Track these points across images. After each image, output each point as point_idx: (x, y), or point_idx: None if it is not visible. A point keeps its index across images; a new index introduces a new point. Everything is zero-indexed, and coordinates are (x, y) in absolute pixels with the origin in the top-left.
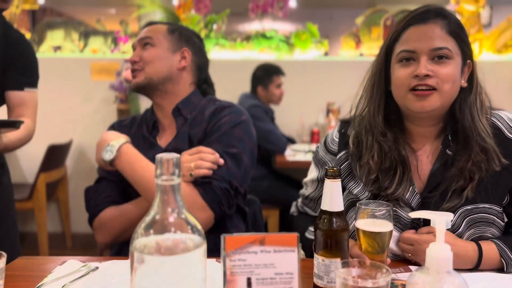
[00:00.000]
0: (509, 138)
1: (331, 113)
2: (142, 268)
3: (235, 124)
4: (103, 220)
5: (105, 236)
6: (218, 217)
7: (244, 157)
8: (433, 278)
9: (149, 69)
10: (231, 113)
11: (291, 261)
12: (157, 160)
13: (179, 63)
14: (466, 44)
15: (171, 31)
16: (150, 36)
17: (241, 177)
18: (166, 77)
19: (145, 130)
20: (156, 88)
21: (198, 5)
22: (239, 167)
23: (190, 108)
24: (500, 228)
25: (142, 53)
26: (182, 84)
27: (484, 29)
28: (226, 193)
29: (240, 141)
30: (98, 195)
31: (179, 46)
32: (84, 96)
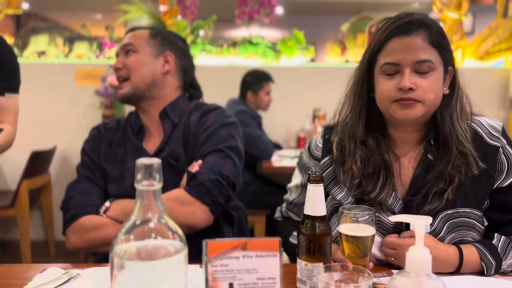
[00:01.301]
0: (488, 143)
1: (317, 119)
2: (122, 274)
3: (222, 125)
4: (85, 226)
5: (79, 242)
6: (217, 211)
7: (232, 154)
8: (413, 282)
9: (134, 77)
10: (218, 115)
11: (273, 266)
12: (137, 165)
13: (162, 68)
14: (448, 52)
15: (153, 35)
16: (132, 43)
17: (231, 169)
18: (151, 83)
19: (131, 134)
20: (143, 96)
21: (184, 11)
22: (227, 162)
23: (178, 112)
24: (480, 232)
25: (125, 60)
26: (168, 89)
27: (467, 37)
28: (217, 183)
29: (227, 140)
30: (82, 196)
31: (162, 50)
32: (69, 102)
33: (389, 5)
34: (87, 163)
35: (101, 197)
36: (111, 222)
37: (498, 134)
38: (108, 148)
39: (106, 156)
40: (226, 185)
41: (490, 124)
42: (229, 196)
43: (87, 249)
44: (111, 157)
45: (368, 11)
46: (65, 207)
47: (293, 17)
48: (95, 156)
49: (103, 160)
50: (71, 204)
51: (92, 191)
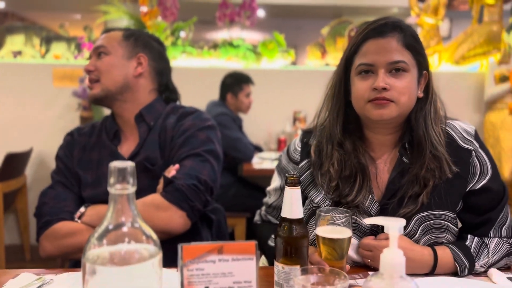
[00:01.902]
0: (462, 147)
1: (297, 122)
2: (95, 280)
3: (200, 128)
4: (59, 233)
5: (54, 249)
6: (194, 216)
7: (210, 158)
8: (387, 283)
9: (104, 79)
10: (195, 118)
11: (250, 269)
12: (110, 168)
13: (135, 70)
14: (422, 56)
15: (126, 37)
16: (104, 45)
17: (209, 173)
18: (123, 86)
19: (106, 139)
20: (115, 98)
21: (164, 12)
22: (205, 166)
23: (154, 115)
24: (454, 233)
25: (97, 62)
26: (142, 92)
27: (444, 41)
28: (194, 188)
29: (205, 144)
30: (56, 202)
31: (135, 52)
32: (45, 103)
33: (368, 9)
34: (61, 169)
35: (75, 203)
36: (86, 228)
37: (471, 138)
38: (81, 153)
39: (80, 161)
40: (204, 190)
41: (464, 128)
42: (206, 201)
43: (62, 256)
44: (85, 162)
45: (348, 15)
46: (39, 214)
47: (274, 20)
48: (69, 162)
49: (76, 165)
50: (44, 210)
51: (66, 197)
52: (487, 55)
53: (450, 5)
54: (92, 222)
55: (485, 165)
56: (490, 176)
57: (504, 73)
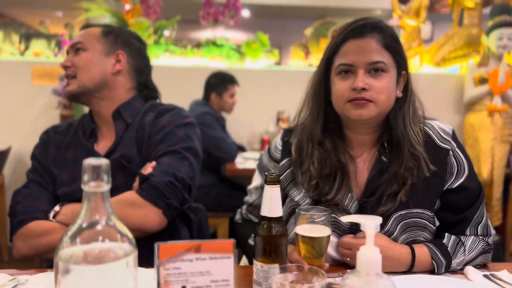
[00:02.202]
0: (439, 146)
1: (281, 122)
2: (68, 279)
3: (178, 125)
4: (32, 232)
5: (27, 249)
6: (170, 214)
7: (188, 155)
8: (364, 281)
9: (81, 75)
10: (174, 115)
11: (227, 268)
12: (84, 166)
13: (113, 67)
14: (401, 56)
15: (105, 33)
16: (82, 41)
17: (187, 171)
18: (101, 83)
19: (82, 137)
20: (92, 95)
21: (147, 10)
22: (183, 163)
23: (132, 112)
24: (431, 232)
25: (74, 58)
26: (120, 89)
27: (427, 44)
28: (170, 185)
29: (183, 141)
30: (30, 201)
31: (113, 49)
32: (24, 101)
33: (352, 11)
34: (36, 167)
35: (50, 202)
36: (60, 226)
37: (448, 137)
38: (56, 151)
39: (55, 159)
40: (181, 187)
41: (441, 128)
42: (184, 199)
43: (36, 256)
44: (60, 161)
45: (331, 16)
46: (12, 213)
47: (259, 21)
48: (44, 160)
49: (51, 164)
50: (18, 209)
51: (41, 196)
52: (467, 58)
53: (432, 8)
54: (67, 221)
55: (462, 164)
56: (466, 175)
57: (483, 75)
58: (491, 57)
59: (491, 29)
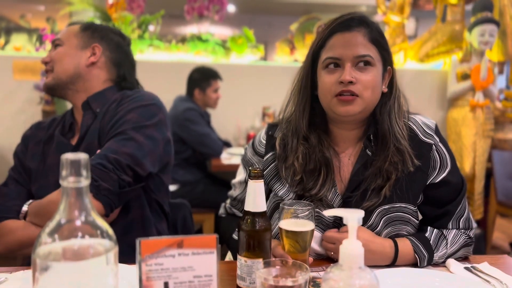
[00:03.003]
0: (422, 141)
1: (266, 117)
2: (46, 277)
3: (131, 109)
4: (5, 230)
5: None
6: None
7: (137, 135)
8: (346, 274)
9: (57, 68)
10: (133, 99)
11: (210, 263)
12: (62, 161)
13: (87, 60)
14: (386, 51)
15: (83, 29)
16: (59, 37)
17: (127, 152)
18: (74, 75)
19: (58, 131)
20: (66, 88)
21: (131, 4)
22: (125, 144)
23: (101, 102)
24: (414, 226)
25: (51, 53)
26: (95, 81)
27: (411, 40)
28: (99, 167)
29: (133, 122)
30: (6, 200)
31: (90, 42)
32: (5, 96)
33: (337, 6)
34: (16, 165)
35: (26, 198)
36: (26, 224)
37: (431, 132)
38: (36, 147)
39: (33, 154)
40: (113, 168)
41: (424, 122)
42: (122, 180)
43: (9, 253)
44: (36, 155)
45: (317, 12)
46: None
47: (245, 16)
48: (24, 157)
49: (29, 159)
50: None
51: (18, 195)
52: (450, 54)
53: (415, 4)
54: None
55: (444, 158)
56: (449, 169)
57: (466, 71)
58: (473, 53)
59: (473, 26)
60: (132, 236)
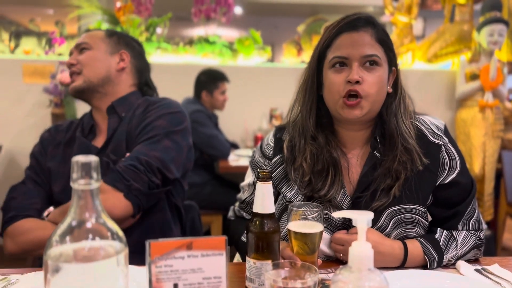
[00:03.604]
0: (431, 142)
1: (274, 119)
2: (57, 278)
3: (160, 116)
4: (20, 229)
5: (14, 246)
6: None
7: (165, 139)
8: (356, 276)
9: (87, 71)
10: (161, 106)
11: (219, 265)
12: (73, 163)
13: (117, 65)
14: (392, 52)
15: (109, 35)
16: (86, 41)
17: (159, 155)
18: (105, 78)
19: (80, 133)
20: (96, 91)
21: (139, 7)
22: (154, 148)
23: (126, 106)
24: (424, 227)
25: (79, 56)
26: (122, 85)
27: (419, 40)
28: (131, 168)
29: (162, 128)
30: (25, 198)
31: (117, 48)
32: (15, 100)
33: (344, 7)
34: (33, 166)
35: (44, 201)
36: (50, 224)
37: (440, 133)
38: (55, 149)
39: (53, 156)
40: (145, 170)
41: (433, 123)
42: (152, 182)
43: (24, 254)
44: (57, 158)
45: (323, 13)
46: (5, 208)
47: (251, 18)
48: (42, 159)
49: (49, 160)
50: (11, 205)
51: (36, 194)
52: (459, 54)
53: (423, 4)
54: (56, 220)
55: (454, 159)
56: (459, 170)
57: (474, 71)
58: (482, 53)
59: (482, 25)
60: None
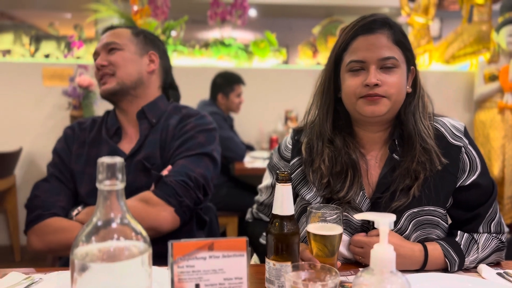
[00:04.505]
0: (451, 143)
1: (289, 121)
2: (83, 277)
3: (200, 131)
4: (49, 229)
5: (41, 244)
6: (183, 213)
7: (205, 158)
8: (377, 279)
9: (120, 73)
10: (197, 120)
11: (240, 265)
12: (99, 164)
13: (148, 67)
14: (409, 51)
15: (135, 34)
16: (115, 41)
17: (202, 172)
18: (138, 81)
19: (105, 135)
20: (128, 93)
21: (155, 11)
22: (198, 164)
23: (156, 112)
24: (444, 229)
25: (110, 57)
26: (152, 88)
27: (435, 41)
28: (183, 184)
29: (202, 146)
30: (50, 195)
31: (146, 49)
32: (35, 102)
33: (359, 9)
34: (57, 163)
35: (69, 199)
36: (78, 225)
37: (460, 134)
38: (80, 148)
39: (78, 157)
40: (194, 187)
41: (453, 124)
42: (198, 199)
43: (49, 253)
44: (83, 158)
45: (339, 14)
46: (30, 206)
47: (266, 20)
48: (66, 157)
49: (74, 161)
50: (36, 203)
51: (60, 192)
52: (477, 55)
53: (440, 5)
54: (84, 220)
55: (474, 161)
56: (479, 172)
57: (493, 72)
58: (501, 54)
59: (501, 26)
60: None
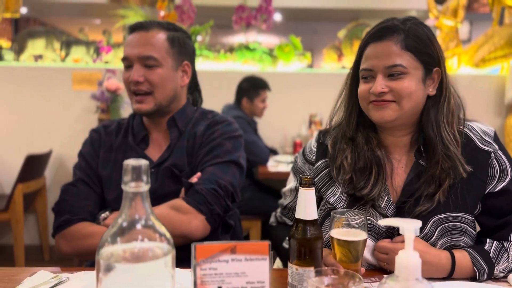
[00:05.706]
0: (480, 148)
1: (313, 125)
2: (109, 277)
3: (227, 138)
4: (78, 234)
5: (70, 249)
6: (213, 221)
7: (233, 166)
8: (403, 286)
9: (158, 93)
10: (224, 127)
11: (263, 269)
12: (125, 166)
13: (182, 80)
14: (428, 54)
15: (171, 43)
16: (153, 56)
17: (230, 180)
18: (172, 98)
19: (132, 141)
20: (164, 111)
21: (182, 16)
22: (226, 172)
23: (185, 120)
24: (472, 237)
25: (148, 74)
26: (183, 98)
27: (464, 44)
28: (214, 192)
29: (229, 153)
30: (77, 200)
31: (180, 60)
32: (64, 106)
33: (385, 12)
34: (83, 167)
35: (96, 203)
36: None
37: (490, 139)
38: (107, 153)
39: (105, 161)
40: (224, 195)
41: (482, 129)
42: (227, 206)
43: (77, 257)
44: (110, 164)
45: (364, 18)
46: (58, 210)
47: (290, 24)
48: (93, 161)
49: (101, 166)
50: (64, 208)
51: (88, 196)
52: (508, 58)
53: (469, 7)
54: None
55: (504, 167)
56: (510, 178)
57: None
58: None
59: None
60: None
